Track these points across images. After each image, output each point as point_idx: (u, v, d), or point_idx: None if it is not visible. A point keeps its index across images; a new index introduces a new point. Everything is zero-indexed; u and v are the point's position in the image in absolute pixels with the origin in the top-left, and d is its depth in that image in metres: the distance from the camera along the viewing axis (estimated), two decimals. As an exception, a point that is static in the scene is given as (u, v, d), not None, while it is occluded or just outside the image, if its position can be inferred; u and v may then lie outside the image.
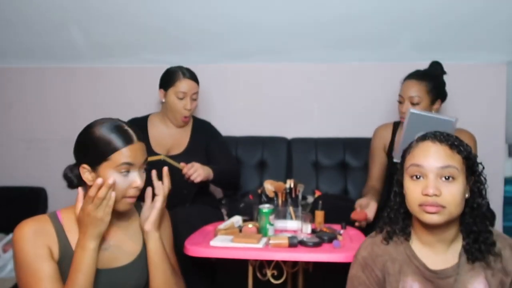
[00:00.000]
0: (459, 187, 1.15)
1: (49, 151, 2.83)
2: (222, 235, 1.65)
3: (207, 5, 2.38)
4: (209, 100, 2.73)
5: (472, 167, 1.20)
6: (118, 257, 1.34)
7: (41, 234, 1.25)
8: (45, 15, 2.49)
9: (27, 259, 1.22)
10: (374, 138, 2.28)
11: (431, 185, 1.14)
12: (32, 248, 1.23)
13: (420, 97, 2.04)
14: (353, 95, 2.68)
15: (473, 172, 1.20)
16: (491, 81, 2.61)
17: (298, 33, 2.52)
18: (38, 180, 2.80)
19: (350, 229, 1.81)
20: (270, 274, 1.58)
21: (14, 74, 2.86)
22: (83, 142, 1.30)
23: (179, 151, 2.22)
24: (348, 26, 2.45)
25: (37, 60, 2.79)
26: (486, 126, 2.55)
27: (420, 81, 2.06)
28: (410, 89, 2.06)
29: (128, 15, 2.47)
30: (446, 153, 1.16)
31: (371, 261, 1.25)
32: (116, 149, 1.25)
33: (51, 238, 1.27)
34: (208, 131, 2.33)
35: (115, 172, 1.25)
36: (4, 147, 2.88)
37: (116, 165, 1.25)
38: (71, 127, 2.78)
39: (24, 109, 2.87)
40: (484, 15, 2.33)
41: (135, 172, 1.28)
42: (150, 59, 2.70)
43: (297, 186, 1.98)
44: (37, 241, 1.24)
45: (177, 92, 2.15)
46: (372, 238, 1.31)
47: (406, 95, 2.06)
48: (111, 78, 2.80)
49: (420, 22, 2.41)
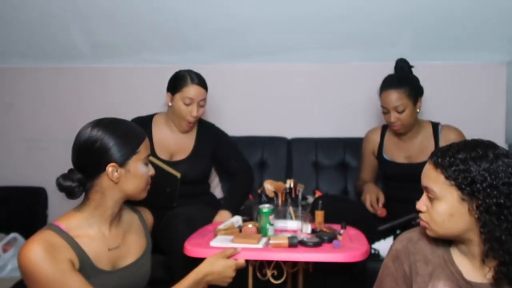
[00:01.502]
0: (442, 207, 1.12)
1: (49, 151, 2.83)
2: (222, 235, 1.65)
3: (207, 5, 2.38)
4: (209, 100, 2.71)
5: (471, 184, 1.08)
6: (124, 255, 1.36)
7: (55, 250, 1.18)
8: (45, 15, 2.49)
9: (53, 278, 1.15)
10: (364, 142, 2.35)
11: (418, 203, 1.19)
12: (54, 265, 1.16)
13: (403, 104, 2.06)
14: (353, 95, 2.68)
15: (474, 189, 1.08)
16: (491, 81, 2.60)
17: (298, 33, 2.52)
18: (38, 180, 2.79)
19: (350, 229, 1.81)
20: (270, 274, 1.58)
21: (14, 74, 2.85)
22: (102, 141, 1.26)
23: (184, 157, 2.20)
24: (348, 26, 2.45)
25: (37, 60, 2.79)
26: (486, 126, 2.55)
27: (398, 89, 2.07)
28: (391, 99, 2.07)
29: (128, 15, 2.47)
30: (429, 172, 1.16)
31: (403, 255, 1.24)
32: (141, 141, 1.32)
33: (66, 250, 1.21)
34: (213, 134, 2.30)
35: (143, 164, 1.32)
36: (4, 147, 2.88)
37: (143, 157, 1.32)
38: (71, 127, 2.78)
39: (24, 109, 2.86)
40: (484, 15, 2.33)
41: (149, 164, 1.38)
42: (150, 59, 2.70)
43: (297, 186, 1.97)
44: (55, 257, 1.17)
45: (184, 97, 2.10)
46: (410, 233, 1.28)
47: (390, 106, 2.08)
48: (111, 78, 2.80)
49: (420, 22, 2.41)
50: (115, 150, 1.27)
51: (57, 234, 1.22)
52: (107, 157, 1.26)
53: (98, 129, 1.27)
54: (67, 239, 1.23)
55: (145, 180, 1.34)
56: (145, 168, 1.33)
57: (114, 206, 1.32)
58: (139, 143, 1.31)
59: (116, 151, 1.27)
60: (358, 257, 1.51)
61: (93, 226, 1.30)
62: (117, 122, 1.33)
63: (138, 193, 1.35)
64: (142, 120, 2.21)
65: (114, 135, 1.27)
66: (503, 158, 1.10)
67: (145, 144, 1.33)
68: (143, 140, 1.33)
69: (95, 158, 1.27)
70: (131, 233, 1.41)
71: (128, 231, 1.40)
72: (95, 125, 1.29)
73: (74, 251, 1.22)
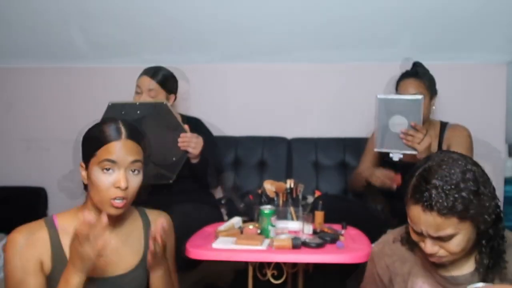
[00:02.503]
0: (459, 239, 1.09)
1: (49, 151, 2.83)
2: (223, 236, 1.64)
3: (207, 5, 2.38)
4: (209, 100, 2.73)
5: (481, 206, 1.09)
6: (116, 265, 1.29)
7: (32, 246, 1.21)
8: (45, 15, 2.49)
9: (14, 271, 1.20)
10: (369, 141, 2.33)
11: (427, 249, 1.11)
12: (20, 260, 1.19)
13: (421, 93, 2.02)
14: (353, 95, 2.68)
15: (481, 215, 1.09)
16: (491, 81, 2.61)
17: (298, 33, 2.52)
18: (38, 180, 2.79)
19: (350, 229, 1.81)
20: (270, 274, 1.58)
21: (14, 74, 2.85)
22: (82, 138, 1.28)
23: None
24: (348, 26, 2.45)
25: (37, 60, 2.79)
26: (486, 126, 2.55)
27: (418, 79, 2.06)
28: (411, 87, 2.05)
29: (128, 15, 2.47)
30: (436, 222, 1.06)
31: (377, 258, 1.30)
32: (101, 144, 1.21)
33: (43, 248, 1.22)
34: (198, 128, 2.25)
35: (99, 168, 1.21)
36: (4, 147, 2.88)
37: (99, 161, 1.21)
38: (70, 127, 2.80)
39: (24, 109, 2.86)
40: (484, 15, 2.33)
41: (120, 171, 1.21)
42: (150, 59, 2.68)
43: (297, 186, 1.97)
44: (27, 253, 1.20)
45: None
46: (388, 235, 1.32)
47: (408, 94, 2.05)
48: (111, 78, 2.80)
49: (420, 22, 2.41)
50: (83, 148, 1.27)
51: (45, 227, 1.25)
52: (81, 155, 1.27)
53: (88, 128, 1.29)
54: (51, 235, 1.24)
55: (104, 190, 1.20)
56: (101, 175, 1.20)
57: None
58: (100, 145, 1.21)
59: (83, 149, 1.27)
60: (362, 258, 1.50)
61: None
62: (98, 123, 1.29)
63: (100, 204, 1.22)
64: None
65: (88, 132, 1.27)
66: (477, 168, 1.11)
67: (105, 149, 1.21)
68: (104, 144, 1.21)
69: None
70: (127, 244, 1.32)
71: (125, 241, 1.33)
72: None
73: (52, 250, 1.23)
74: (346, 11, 2.36)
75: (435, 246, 1.10)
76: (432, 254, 1.12)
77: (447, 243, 1.09)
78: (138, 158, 1.25)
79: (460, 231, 1.07)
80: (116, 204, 1.21)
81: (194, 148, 1.96)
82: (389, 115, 1.89)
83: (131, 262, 1.32)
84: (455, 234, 1.07)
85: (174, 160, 1.99)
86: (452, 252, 1.10)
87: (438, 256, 1.12)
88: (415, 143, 1.83)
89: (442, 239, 1.08)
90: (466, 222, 1.07)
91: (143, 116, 1.94)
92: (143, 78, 2.19)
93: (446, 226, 1.06)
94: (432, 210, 1.05)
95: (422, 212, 1.07)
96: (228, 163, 2.61)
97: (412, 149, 1.86)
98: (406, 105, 1.85)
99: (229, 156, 2.63)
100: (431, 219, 1.06)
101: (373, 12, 2.36)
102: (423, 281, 1.21)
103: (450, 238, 1.08)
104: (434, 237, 1.09)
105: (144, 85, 2.17)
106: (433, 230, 1.07)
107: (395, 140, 1.88)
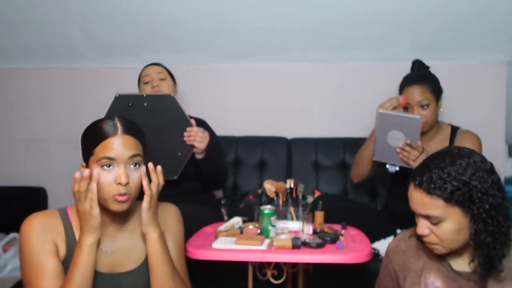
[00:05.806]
0: (448, 226, 1.14)
1: (49, 151, 2.84)
2: (223, 236, 1.65)
3: (207, 5, 2.38)
4: (209, 100, 2.73)
5: (469, 197, 1.12)
6: (123, 262, 1.30)
7: (49, 229, 1.23)
8: (45, 15, 2.49)
9: (33, 252, 1.20)
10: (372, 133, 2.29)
11: (418, 229, 1.19)
12: (39, 242, 1.20)
13: (427, 99, 2.02)
14: (353, 95, 2.69)
15: (472, 200, 1.12)
16: (491, 81, 2.61)
17: (298, 33, 2.52)
18: (38, 180, 2.80)
19: (350, 229, 1.81)
20: (270, 274, 1.59)
21: (14, 74, 2.86)
22: (81, 138, 1.28)
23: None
24: (348, 26, 2.45)
25: (37, 60, 2.79)
26: (486, 126, 2.54)
27: (422, 84, 2.03)
28: (415, 94, 2.03)
29: (128, 15, 2.47)
30: (424, 200, 1.14)
31: (392, 254, 1.34)
32: (98, 142, 1.21)
33: (58, 234, 1.24)
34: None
35: (99, 166, 1.20)
36: (4, 147, 2.88)
37: (98, 158, 1.20)
38: (71, 127, 2.82)
39: (24, 109, 2.87)
40: (484, 15, 2.33)
41: (120, 167, 1.21)
42: (150, 59, 2.68)
43: (297, 186, 1.97)
44: (44, 236, 1.21)
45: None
46: (405, 232, 1.36)
47: (414, 101, 2.02)
48: (111, 78, 2.80)
49: (420, 22, 2.41)
50: (82, 148, 1.27)
51: (60, 217, 1.26)
52: (81, 155, 1.27)
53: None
54: (65, 225, 1.26)
55: (106, 187, 1.20)
56: (102, 173, 1.20)
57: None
58: (96, 143, 1.21)
59: (82, 149, 1.26)
60: (363, 258, 1.50)
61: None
62: (95, 121, 1.28)
63: (104, 202, 1.22)
64: None
65: (84, 133, 1.27)
66: (477, 162, 1.16)
67: (103, 145, 1.21)
68: (101, 141, 1.21)
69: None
70: (134, 240, 1.33)
71: (133, 237, 1.33)
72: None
73: (66, 238, 1.25)
74: (346, 11, 2.36)
75: (426, 229, 1.17)
76: (423, 236, 1.19)
77: (437, 228, 1.15)
78: (136, 152, 1.24)
79: (448, 218, 1.13)
80: (119, 199, 1.21)
81: (200, 143, 1.94)
82: (387, 129, 1.93)
83: (139, 258, 1.32)
84: (443, 219, 1.13)
85: (180, 155, 1.98)
86: (442, 239, 1.15)
87: (430, 242, 1.18)
88: (410, 160, 1.87)
89: (431, 221, 1.15)
90: (453, 208, 1.12)
91: (150, 108, 1.94)
92: (149, 67, 2.21)
93: (433, 207, 1.13)
94: (420, 187, 1.15)
95: (413, 189, 1.17)
96: (228, 163, 2.61)
97: (407, 165, 1.90)
98: (404, 123, 1.89)
99: (229, 156, 2.63)
100: (420, 197, 1.15)
101: (373, 12, 2.36)
102: (436, 276, 1.23)
103: (438, 221, 1.14)
104: (423, 215, 1.16)
105: (153, 71, 2.18)
106: (422, 208, 1.15)
107: (392, 153, 1.93)
